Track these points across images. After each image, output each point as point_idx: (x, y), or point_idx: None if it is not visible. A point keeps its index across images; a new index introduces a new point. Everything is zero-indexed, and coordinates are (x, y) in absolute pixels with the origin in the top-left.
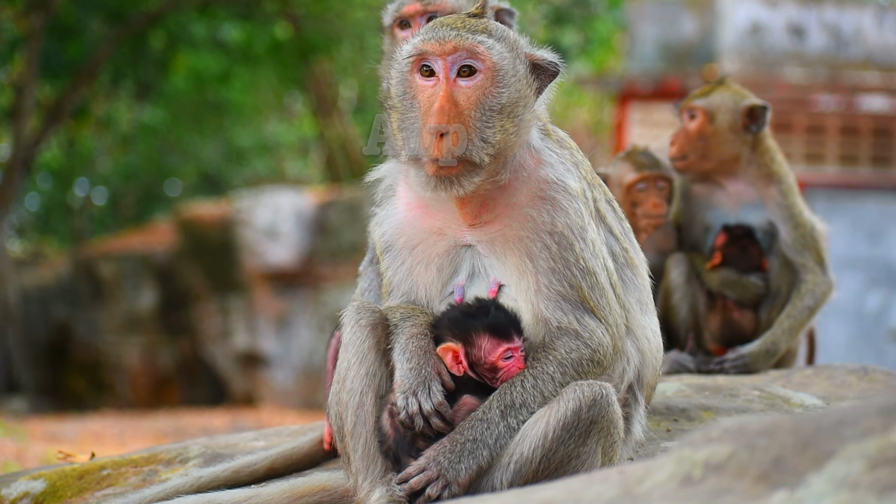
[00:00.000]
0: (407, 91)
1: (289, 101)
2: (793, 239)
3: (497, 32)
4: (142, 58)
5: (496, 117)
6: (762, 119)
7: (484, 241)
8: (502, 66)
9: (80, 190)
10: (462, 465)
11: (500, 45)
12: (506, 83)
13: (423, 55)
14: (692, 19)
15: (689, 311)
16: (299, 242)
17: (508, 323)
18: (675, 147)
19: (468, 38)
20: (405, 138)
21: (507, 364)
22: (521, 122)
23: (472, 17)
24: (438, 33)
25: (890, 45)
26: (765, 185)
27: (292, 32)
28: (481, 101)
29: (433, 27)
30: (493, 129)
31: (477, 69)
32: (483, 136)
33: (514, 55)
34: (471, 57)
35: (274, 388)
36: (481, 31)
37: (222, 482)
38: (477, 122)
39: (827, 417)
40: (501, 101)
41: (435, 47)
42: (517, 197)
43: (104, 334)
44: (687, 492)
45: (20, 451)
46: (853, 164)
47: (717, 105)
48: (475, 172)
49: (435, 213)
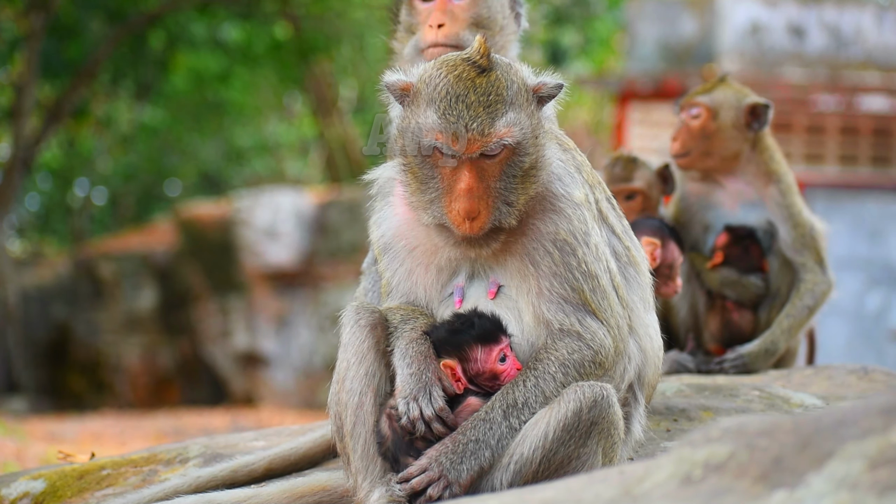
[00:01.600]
0: (424, 160)
1: (289, 101)
2: (792, 238)
3: (510, 92)
4: (142, 58)
5: (519, 180)
6: (764, 117)
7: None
8: (525, 137)
9: (80, 190)
10: (464, 466)
11: (517, 115)
12: (527, 151)
13: (446, 150)
14: (692, 19)
15: (689, 310)
16: (299, 242)
17: (494, 327)
18: (677, 143)
19: (492, 134)
20: (427, 202)
21: (505, 367)
22: (542, 167)
23: (481, 75)
24: (460, 126)
25: (890, 45)
26: (764, 184)
27: (292, 32)
28: (505, 172)
29: (449, 112)
30: (517, 193)
31: (503, 147)
32: (508, 201)
33: (529, 109)
34: (496, 147)
35: (274, 388)
36: (498, 105)
37: (220, 482)
38: (502, 192)
39: (827, 417)
40: (524, 167)
41: (460, 148)
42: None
43: (104, 334)
44: (687, 492)
45: (20, 451)
46: (853, 164)
47: (721, 102)
48: (503, 232)
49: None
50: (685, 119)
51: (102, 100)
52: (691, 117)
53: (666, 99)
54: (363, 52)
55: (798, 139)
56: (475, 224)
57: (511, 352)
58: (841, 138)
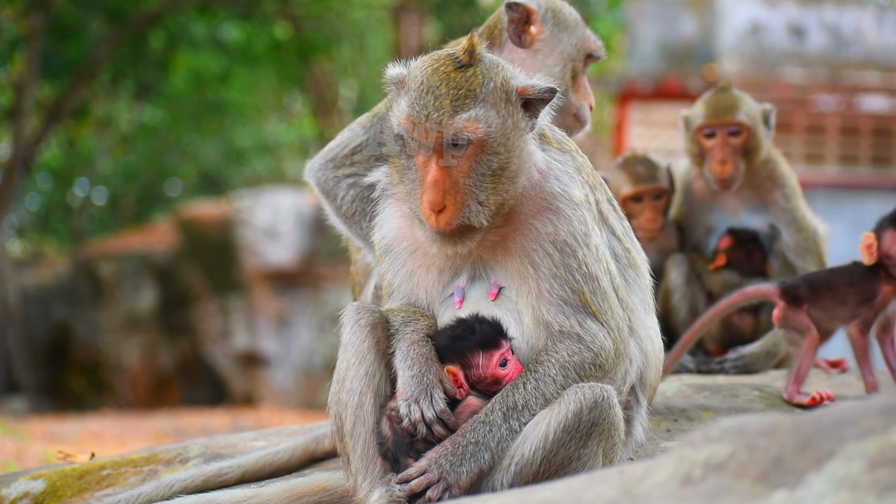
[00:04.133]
0: (402, 150)
1: (289, 101)
2: (795, 243)
3: (484, 89)
4: (142, 58)
5: (489, 180)
6: (771, 121)
7: (486, 248)
8: (490, 135)
9: (80, 190)
10: (464, 469)
11: (485, 111)
12: (496, 149)
13: (411, 138)
14: (692, 19)
15: (689, 312)
16: (299, 242)
17: (494, 332)
18: (728, 167)
19: (450, 125)
20: (407, 192)
21: (506, 371)
22: (518, 172)
23: (458, 70)
24: (422, 116)
25: (890, 45)
26: (769, 188)
27: (292, 32)
28: (473, 168)
29: (417, 101)
30: (487, 193)
31: (466, 143)
32: (479, 200)
33: (504, 110)
34: (459, 140)
35: (274, 387)
36: (465, 99)
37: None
38: (472, 189)
39: (827, 417)
40: (492, 166)
41: (420, 137)
42: (520, 208)
43: (104, 334)
44: (687, 492)
45: (20, 451)
46: (853, 164)
47: (754, 115)
48: (476, 231)
49: None
50: (723, 139)
51: (102, 100)
52: (731, 136)
53: (666, 99)
54: (363, 52)
55: (798, 139)
56: (441, 218)
57: (512, 355)
58: (841, 138)
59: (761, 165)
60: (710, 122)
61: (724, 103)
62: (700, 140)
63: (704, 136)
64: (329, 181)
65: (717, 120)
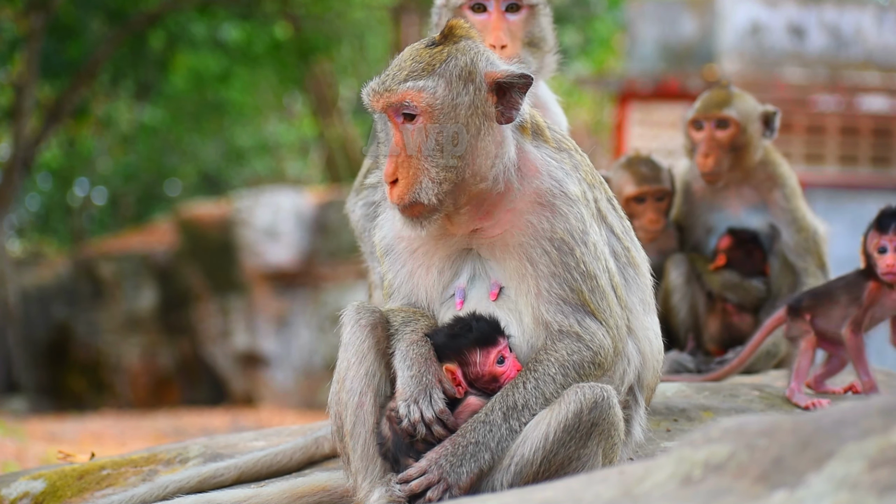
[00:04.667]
0: (382, 128)
1: (289, 101)
2: (795, 243)
3: (441, 66)
4: (142, 58)
5: (439, 156)
6: (774, 124)
7: (484, 247)
8: (436, 105)
9: (80, 190)
10: (464, 469)
11: (434, 83)
12: (443, 122)
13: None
14: (692, 19)
15: (689, 312)
16: (299, 242)
17: (491, 330)
18: (710, 160)
19: (394, 91)
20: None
21: (504, 369)
22: (475, 152)
23: (428, 48)
24: (374, 86)
25: (890, 45)
26: (769, 188)
27: (292, 32)
28: (424, 143)
29: (380, 74)
30: (438, 169)
31: (415, 113)
32: (430, 175)
33: (459, 86)
34: (404, 107)
35: (274, 388)
36: (419, 72)
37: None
38: (423, 163)
39: (827, 417)
40: (441, 140)
41: (372, 104)
42: (517, 203)
43: (104, 334)
44: (687, 492)
45: (20, 451)
46: (853, 164)
47: (748, 113)
48: (431, 212)
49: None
50: (710, 132)
51: (102, 100)
52: (718, 130)
53: (666, 99)
54: (363, 52)
55: (798, 139)
56: (395, 191)
57: (510, 353)
58: (841, 138)
59: (760, 165)
60: (699, 114)
61: (715, 98)
62: (690, 133)
63: (694, 128)
64: (351, 207)
65: (705, 113)
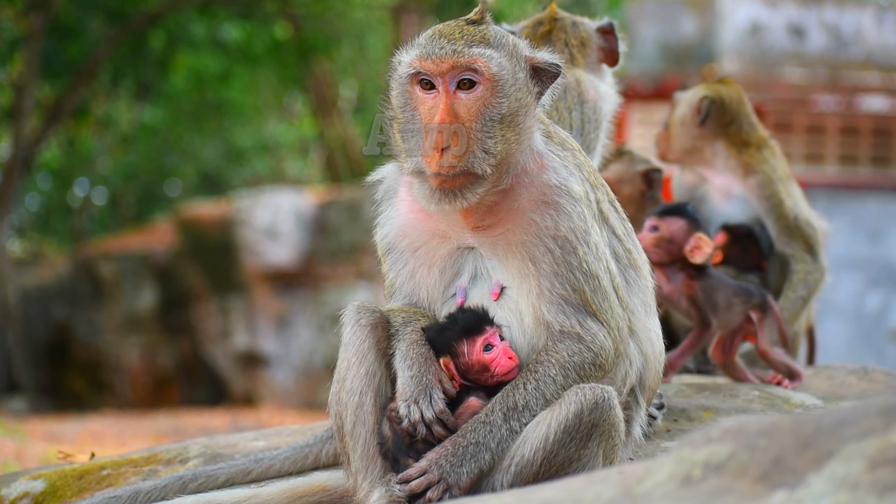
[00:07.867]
0: (407, 102)
1: (289, 101)
2: (777, 230)
3: (496, 40)
4: (142, 58)
5: (497, 127)
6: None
7: (486, 245)
8: (501, 76)
9: (80, 190)
10: (464, 469)
11: (498, 54)
12: (506, 93)
13: (421, 73)
14: (692, 19)
15: None
16: (299, 242)
17: (477, 318)
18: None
19: (465, 53)
20: (408, 150)
21: (493, 356)
22: (522, 129)
23: (470, 25)
24: (435, 49)
25: (890, 45)
26: (742, 177)
27: (292, 32)
28: (482, 111)
29: (430, 40)
30: (495, 140)
31: (476, 81)
32: (485, 146)
33: (514, 62)
34: (469, 71)
35: (274, 388)
36: (479, 41)
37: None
38: (478, 133)
39: (827, 417)
40: (502, 110)
41: (432, 67)
42: (520, 201)
43: (104, 334)
44: (687, 492)
45: (20, 451)
46: (853, 164)
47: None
48: (478, 184)
49: (437, 215)
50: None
51: (102, 100)
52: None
53: (666, 99)
54: (363, 52)
55: (798, 139)
56: (445, 158)
57: (501, 341)
58: (841, 138)
59: (735, 154)
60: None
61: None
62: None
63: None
64: None
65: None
